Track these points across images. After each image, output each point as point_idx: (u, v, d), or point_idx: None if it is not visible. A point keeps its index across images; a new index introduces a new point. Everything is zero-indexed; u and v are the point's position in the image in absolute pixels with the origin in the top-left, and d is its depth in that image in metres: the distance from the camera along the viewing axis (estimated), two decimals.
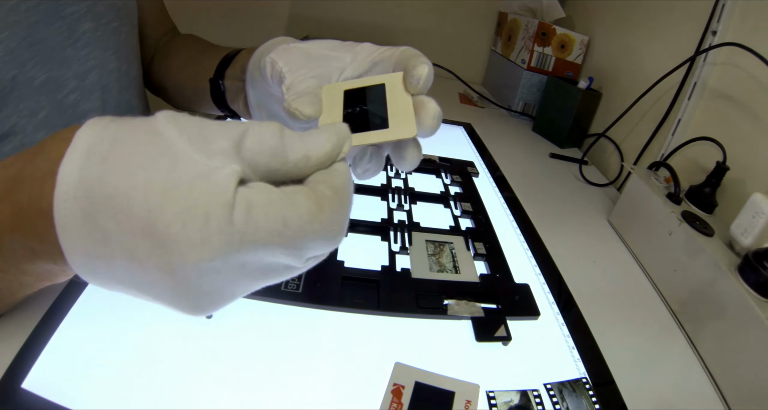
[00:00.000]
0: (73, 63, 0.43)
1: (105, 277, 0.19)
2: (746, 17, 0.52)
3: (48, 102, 0.41)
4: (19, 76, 0.37)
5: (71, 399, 0.24)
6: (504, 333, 0.33)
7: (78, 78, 0.44)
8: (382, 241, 0.42)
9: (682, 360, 0.37)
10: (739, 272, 0.36)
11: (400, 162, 0.28)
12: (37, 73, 0.39)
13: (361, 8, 1.15)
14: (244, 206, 0.17)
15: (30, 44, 0.38)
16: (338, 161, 0.21)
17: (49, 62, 0.40)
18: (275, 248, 0.18)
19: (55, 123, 0.42)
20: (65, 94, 0.42)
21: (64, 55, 0.42)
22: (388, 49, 0.28)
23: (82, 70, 0.44)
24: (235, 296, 0.20)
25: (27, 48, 0.38)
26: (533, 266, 0.43)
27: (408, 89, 0.25)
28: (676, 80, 0.60)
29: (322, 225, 0.18)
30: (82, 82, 0.44)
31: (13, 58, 0.36)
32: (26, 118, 0.39)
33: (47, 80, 0.40)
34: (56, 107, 0.42)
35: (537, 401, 0.29)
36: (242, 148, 0.18)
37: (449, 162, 0.60)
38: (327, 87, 0.26)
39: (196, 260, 0.16)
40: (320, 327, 0.32)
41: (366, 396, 0.28)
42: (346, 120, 0.24)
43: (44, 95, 0.40)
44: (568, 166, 0.72)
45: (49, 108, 0.41)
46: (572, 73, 0.89)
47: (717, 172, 0.46)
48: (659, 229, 0.46)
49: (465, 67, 1.12)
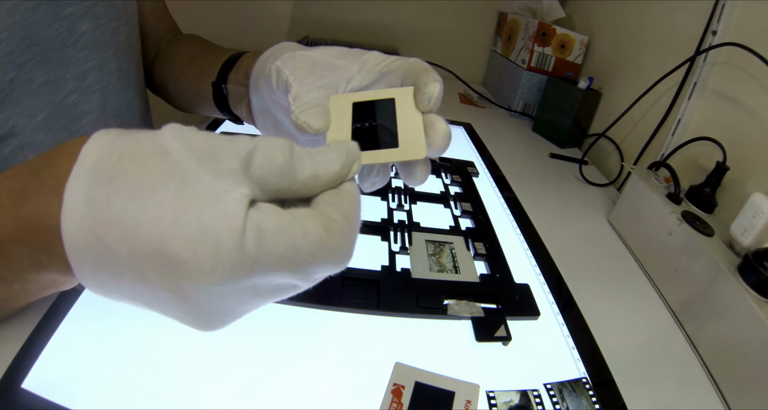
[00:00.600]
0: (72, 64, 0.43)
1: (115, 293, 0.19)
2: (746, 17, 0.52)
3: (47, 103, 0.41)
4: (18, 78, 0.37)
5: (71, 399, 0.24)
6: (504, 333, 0.33)
7: (77, 79, 0.44)
8: (382, 241, 0.42)
9: (682, 360, 0.37)
10: (739, 272, 0.36)
11: (408, 179, 0.27)
12: (36, 74, 0.39)
13: (361, 8, 1.15)
14: (254, 233, 0.17)
15: (29, 45, 0.38)
16: (347, 181, 0.21)
17: (49, 63, 0.40)
18: (284, 272, 0.18)
19: (55, 124, 0.42)
20: (65, 95, 0.42)
21: (63, 56, 0.42)
22: (397, 60, 0.28)
23: (81, 71, 0.44)
24: (244, 313, 0.20)
25: (26, 49, 0.38)
26: (533, 266, 0.43)
27: (418, 107, 0.25)
28: (676, 80, 0.59)
29: (330, 251, 0.18)
30: (82, 84, 0.44)
31: (12, 60, 0.36)
32: (25, 119, 0.38)
33: (46, 81, 0.40)
34: (55, 108, 0.42)
35: (537, 401, 0.29)
36: (251, 167, 0.18)
37: (449, 162, 0.60)
38: (334, 98, 0.26)
39: (207, 284, 0.17)
40: (320, 327, 0.32)
41: (366, 396, 0.28)
42: (355, 136, 0.24)
43: (43, 96, 0.40)
44: (568, 166, 0.72)
45: (48, 109, 0.41)
46: (572, 73, 0.89)
47: (717, 172, 0.46)
48: (659, 229, 0.46)
49: (465, 67, 1.12)
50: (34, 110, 0.39)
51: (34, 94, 0.39)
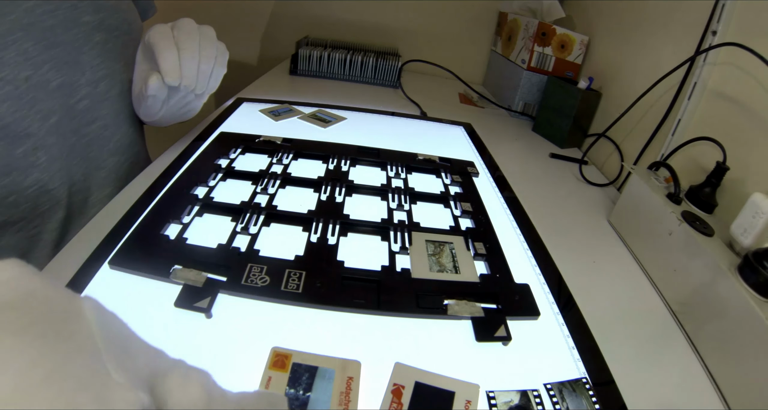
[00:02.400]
0: (86, 70, 0.44)
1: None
2: (746, 17, 0.52)
3: (60, 106, 0.41)
4: (34, 77, 0.38)
5: None
6: (504, 333, 0.33)
7: (90, 85, 0.44)
8: (382, 241, 0.42)
9: (682, 360, 0.37)
10: (739, 272, 0.36)
11: None
12: (53, 77, 0.40)
13: (361, 8, 1.15)
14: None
15: (46, 47, 0.39)
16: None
17: (65, 67, 0.41)
18: None
19: (65, 129, 0.43)
20: (77, 99, 0.43)
21: (79, 61, 0.43)
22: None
23: (94, 78, 0.45)
24: None
25: (44, 50, 0.39)
26: (533, 266, 0.43)
27: None
28: (676, 80, 0.59)
29: None
30: (94, 90, 0.45)
31: (27, 59, 0.37)
32: (39, 121, 0.39)
33: (62, 84, 0.41)
34: (67, 111, 0.42)
35: (537, 401, 0.29)
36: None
37: (449, 162, 0.60)
38: None
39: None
40: (320, 327, 0.32)
41: (366, 396, 0.28)
42: None
43: (57, 99, 0.41)
44: (568, 166, 0.72)
45: (60, 112, 0.41)
46: (572, 73, 0.89)
47: (717, 172, 0.46)
48: (659, 229, 0.46)
49: (465, 67, 1.12)
50: (48, 111, 0.40)
51: (49, 96, 0.40)
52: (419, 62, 1.03)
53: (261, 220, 0.42)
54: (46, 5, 0.38)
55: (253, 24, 1.19)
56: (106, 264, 0.34)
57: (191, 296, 0.32)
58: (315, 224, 0.42)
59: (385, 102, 0.88)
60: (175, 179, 0.47)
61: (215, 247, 0.37)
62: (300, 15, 1.18)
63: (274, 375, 0.27)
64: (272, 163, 0.53)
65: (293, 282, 0.34)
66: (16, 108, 0.36)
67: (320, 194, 0.48)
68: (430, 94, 0.97)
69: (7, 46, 0.35)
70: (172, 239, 0.38)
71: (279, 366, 0.28)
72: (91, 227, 0.39)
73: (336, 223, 0.43)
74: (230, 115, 0.67)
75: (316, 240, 0.40)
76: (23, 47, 0.36)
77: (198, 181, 0.47)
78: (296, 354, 0.29)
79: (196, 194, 0.45)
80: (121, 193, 0.45)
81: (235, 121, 0.65)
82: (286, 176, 0.50)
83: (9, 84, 0.36)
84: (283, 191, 0.48)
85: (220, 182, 0.48)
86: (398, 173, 0.55)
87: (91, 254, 0.35)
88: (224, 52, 0.47)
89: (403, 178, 0.54)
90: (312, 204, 0.46)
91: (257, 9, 1.18)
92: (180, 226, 0.40)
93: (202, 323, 0.31)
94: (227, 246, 0.38)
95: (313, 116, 0.71)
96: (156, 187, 0.45)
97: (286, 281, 0.34)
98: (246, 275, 0.34)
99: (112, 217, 0.40)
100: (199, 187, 0.46)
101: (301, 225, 0.42)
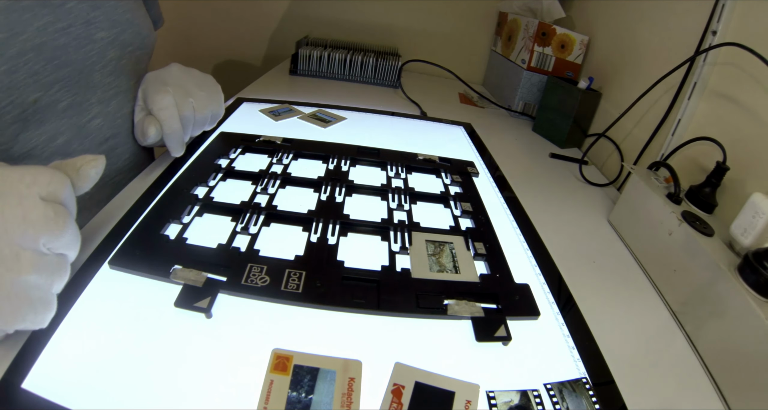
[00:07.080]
0: (98, 88, 0.43)
1: None
2: (746, 17, 0.52)
3: (69, 126, 0.41)
4: (43, 99, 0.37)
5: (71, 399, 0.24)
6: (504, 333, 0.33)
7: (102, 103, 0.44)
8: (382, 241, 0.42)
9: (682, 360, 0.37)
10: (739, 272, 0.36)
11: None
12: (63, 96, 0.39)
13: (361, 8, 1.15)
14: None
15: (57, 67, 0.38)
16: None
17: (76, 86, 0.40)
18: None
19: (74, 149, 0.42)
20: (88, 119, 0.42)
21: (91, 80, 0.42)
22: None
23: (106, 97, 0.44)
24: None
25: (54, 70, 0.37)
26: (533, 266, 0.43)
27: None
28: (676, 80, 0.59)
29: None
30: (106, 108, 0.44)
31: (37, 80, 0.36)
32: (45, 142, 0.38)
33: (72, 104, 0.40)
34: (77, 131, 0.42)
35: (537, 401, 0.29)
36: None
37: (449, 162, 0.60)
38: None
39: None
40: (320, 327, 0.32)
41: (366, 396, 0.28)
42: None
43: (66, 119, 0.40)
44: (568, 166, 0.72)
45: (69, 133, 0.41)
46: (572, 73, 0.89)
47: (717, 172, 0.46)
48: (659, 229, 0.46)
49: (465, 67, 1.12)
50: (55, 132, 0.39)
51: (57, 116, 0.39)
52: (419, 62, 1.03)
53: (261, 220, 0.42)
54: (59, 23, 0.36)
55: (254, 24, 1.19)
56: (106, 264, 0.34)
57: (191, 296, 0.32)
58: (315, 224, 0.42)
59: (385, 102, 0.88)
60: (175, 179, 0.47)
61: (215, 247, 0.37)
62: (300, 15, 1.18)
63: (276, 379, 0.27)
64: (272, 163, 0.53)
65: (293, 282, 0.34)
66: (20, 131, 0.35)
67: (320, 194, 0.48)
68: (430, 94, 0.97)
69: (18, 69, 0.34)
70: (172, 239, 0.38)
71: (280, 369, 0.28)
72: (91, 227, 0.39)
73: (336, 223, 0.43)
74: (230, 115, 0.67)
75: (316, 240, 0.40)
76: (33, 69, 0.35)
77: (198, 181, 0.47)
78: (297, 356, 0.29)
79: (196, 194, 0.45)
80: (121, 193, 0.45)
81: (235, 121, 0.65)
82: (286, 176, 0.50)
83: (17, 108, 0.34)
84: (283, 191, 0.48)
85: (220, 182, 0.48)
86: (398, 173, 0.55)
87: (91, 254, 0.35)
88: (220, 106, 0.52)
89: (403, 178, 0.54)
90: (312, 204, 0.46)
91: (258, 9, 1.18)
92: (180, 226, 0.40)
93: (202, 323, 0.31)
94: (227, 246, 0.38)
95: (313, 116, 0.71)
96: (156, 187, 0.45)
97: (286, 281, 0.34)
98: (246, 275, 0.34)
99: (112, 217, 0.40)
100: (199, 187, 0.46)
101: (301, 225, 0.42)
